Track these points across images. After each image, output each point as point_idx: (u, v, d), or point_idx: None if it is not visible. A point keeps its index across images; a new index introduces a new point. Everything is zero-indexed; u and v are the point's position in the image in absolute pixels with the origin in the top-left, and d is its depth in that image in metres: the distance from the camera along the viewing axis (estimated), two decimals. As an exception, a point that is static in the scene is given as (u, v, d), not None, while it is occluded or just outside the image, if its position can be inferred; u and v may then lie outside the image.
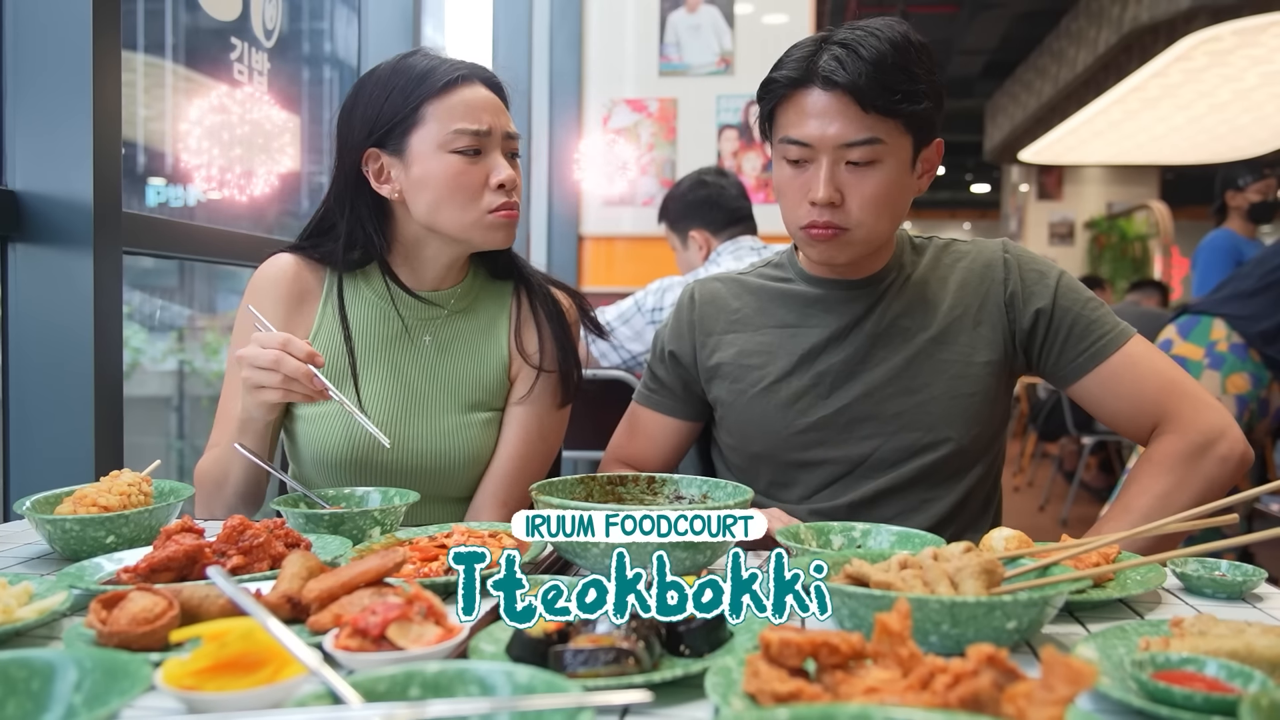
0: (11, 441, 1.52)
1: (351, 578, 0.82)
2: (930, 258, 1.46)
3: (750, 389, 1.44)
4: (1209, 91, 8.90)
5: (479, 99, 1.39)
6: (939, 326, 1.41)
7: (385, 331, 1.45)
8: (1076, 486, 6.20)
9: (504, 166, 1.38)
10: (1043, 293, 1.39)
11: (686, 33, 4.20)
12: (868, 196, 1.31)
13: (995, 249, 1.45)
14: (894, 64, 1.27)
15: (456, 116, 1.36)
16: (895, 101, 1.27)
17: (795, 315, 1.46)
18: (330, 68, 3.54)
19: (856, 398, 1.40)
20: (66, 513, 1.10)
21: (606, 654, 0.70)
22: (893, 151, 1.31)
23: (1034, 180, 13.48)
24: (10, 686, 0.64)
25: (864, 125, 1.29)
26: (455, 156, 1.36)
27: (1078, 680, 0.55)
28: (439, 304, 1.47)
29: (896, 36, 1.29)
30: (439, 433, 1.42)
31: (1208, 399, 1.36)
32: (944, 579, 0.83)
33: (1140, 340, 1.38)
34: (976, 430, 1.41)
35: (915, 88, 1.29)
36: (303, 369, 1.18)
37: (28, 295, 1.50)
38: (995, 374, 1.41)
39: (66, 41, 1.49)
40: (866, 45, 1.28)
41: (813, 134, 1.30)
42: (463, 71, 1.39)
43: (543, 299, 1.50)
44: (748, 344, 1.47)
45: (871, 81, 1.26)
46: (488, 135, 1.37)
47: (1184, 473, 1.31)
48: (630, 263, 4.28)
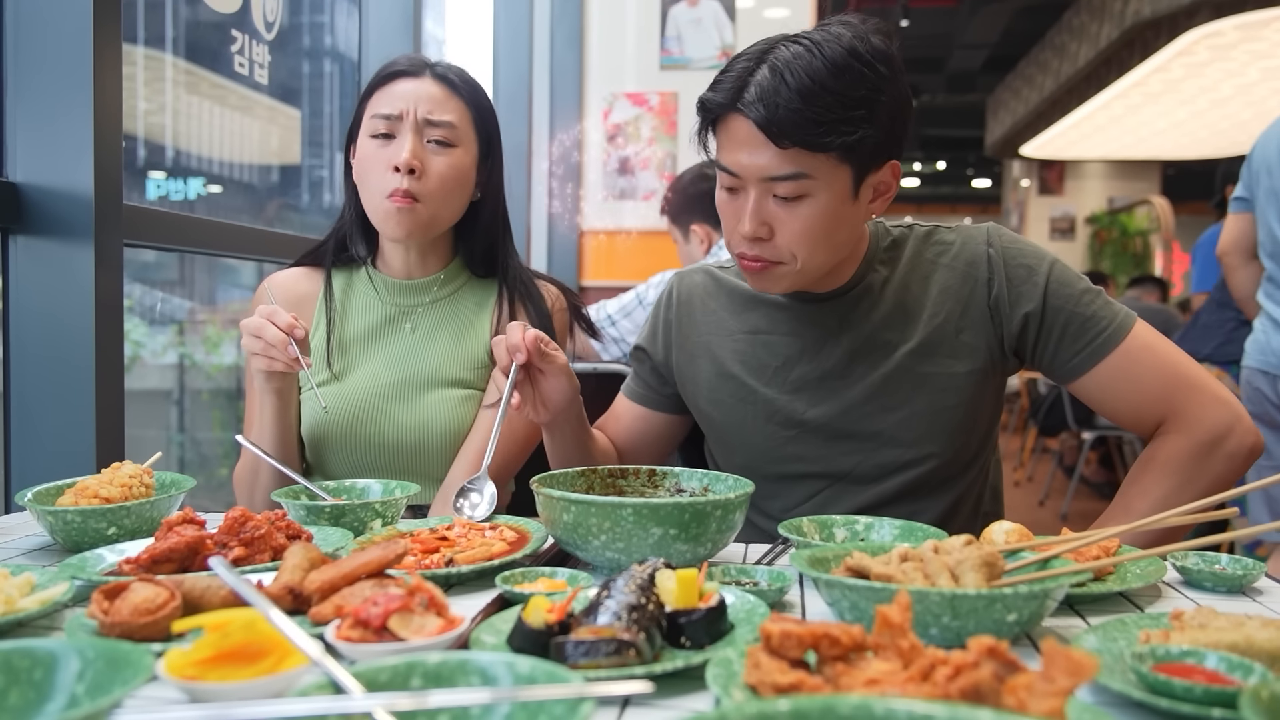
0: (13, 433, 1.52)
1: (353, 569, 0.82)
2: (910, 254, 1.37)
3: (727, 399, 1.41)
4: (1211, 86, 8.88)
5: (406, 89, 1.45)
6: (919, 338, 1.33)
7: (371, 318, 1.54)
8: (1077, 482, 6.20)
9: (406, 148, 1.42)
10: (1030, 293, 1.31)
11: (688, 26, 4.19)
12: (797, 232, 1.22)
13: (979, 242, 1.35)
14: (827, 90, 1.15)
15: (378, 106, 1.45)
16: (819, 135, 1.16)
17: (767, 322, 1.40)
18: (331, 61, 3.53)
19: (835, 414, 1.35)
20: (68, 504, 1.10)
21: (608, 645, 0.70)
22: (825, 185, 1.20)
23: (1035, 175, 13.46)
24: (13, 676, 0.64)
25: (787, 160, 1.18)
26: (369, 140, 1.45)
27: (1078, 672, 0.55)
28: (420, 291, 1.55)
29: (838, 55, 1.16)
30: (419, 407, 1.48)
31: (1215, 390, 1.29)
32: (945, 572, 0.83)
33: (1141, 331, 1.31)
34: (962, 441, 1.36)
35: (851, 114, 1.16)
36: (280, 337, 1.26)
37: (29, 287, 1.50)
38: (980, 382, 1.34)
39: (67, 34, 1.48)
40: (796, 71, 1.16)
41: (736, 163, 1.22)
42: (400, 66, 1.47)
43: (524, 294, 1.55)
44: (722, 351, 1.43)
45: (794, 116, 1.15)
46: (399, 120, 1.43)
47: (1188, 475, 1.26)
48: (631, 257, 4.27)
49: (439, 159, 1.44)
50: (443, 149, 1.45)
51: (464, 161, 1.47)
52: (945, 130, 15.75)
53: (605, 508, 0.97)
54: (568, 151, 4.28)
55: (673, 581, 0.79)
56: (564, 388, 1.28)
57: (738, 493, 1.03)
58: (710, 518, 0.99)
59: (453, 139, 1.45)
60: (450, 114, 1.45)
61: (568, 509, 0.99)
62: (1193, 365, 1.31)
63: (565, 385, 1.28)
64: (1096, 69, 9.27)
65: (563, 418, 1.32)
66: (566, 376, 1.28)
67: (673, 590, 0.79)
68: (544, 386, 1.27)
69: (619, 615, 0.73)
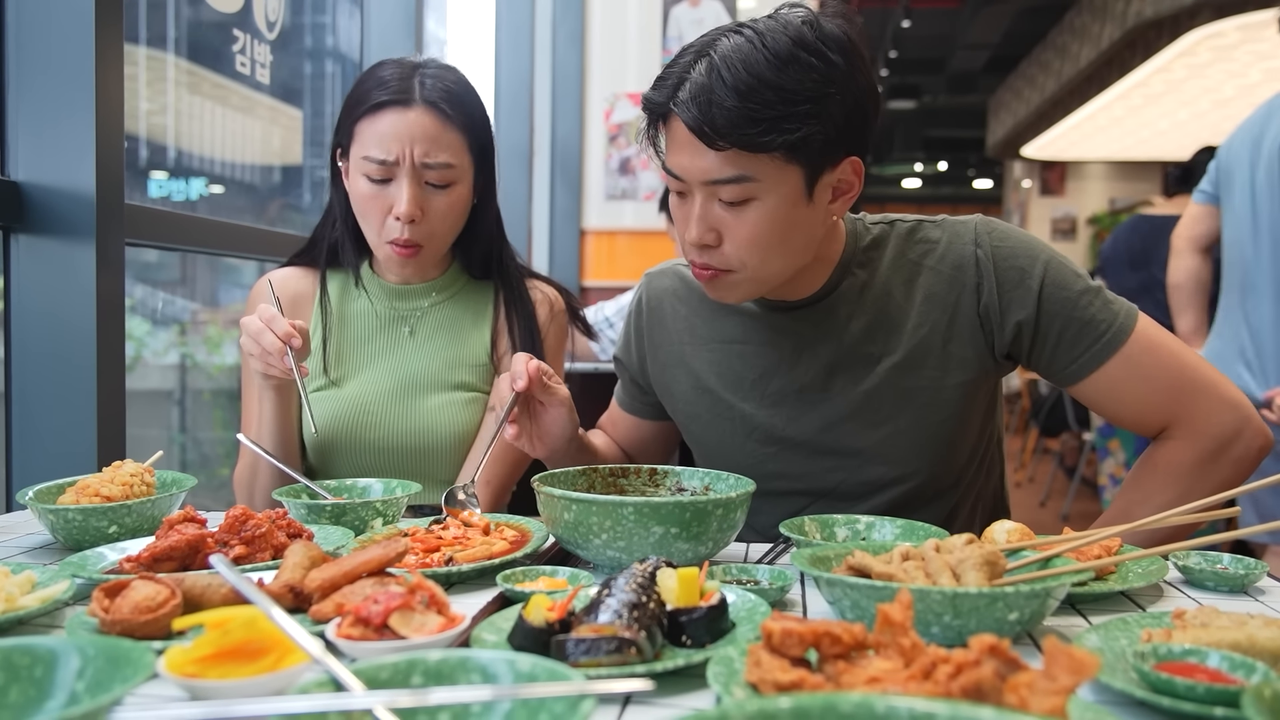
0: (14, 432, 1.52)
1: (354, 567, 0.82)
2: (892, 254, 1.28)
3: (704, 414, 1.36)
4: (1213, 87, 8.87)
5: (397, 127, 1.38)
6: (904, 350, 1.25)
7: (368, 323, 1.53)
8: (1077, 482, 6.20)
9: (405, 199, 1.37)
10: (1023, 299, 1.22)
11: (689, 26, 4.19)
12: (744, 238, 1.14)
13: (967, 241, 1.25)
14: (767, 85, 1.06)
15: (368, 143, 1.39)
16: (758, 134, 1.07)
17: (740, 331, 1.33)
18: (332, 61, 3.53)
19: (816, 430, 1.29)
20: (69, 503, 1.10)
21: (609, 643, 0.70)
22: (771, 187, 1.12)
23: (1037, 176, 13.44)
24: (13, 673, 0.64)
25: (726, 162, 1.10)
26: (364, 180, 1.41)
27: (1080, 670, 0.55)
28: (419, 296, 1.54)
29: (782, 46, 1.07)
30: (422, 411, 1.47)
31: (1222, 391, 1.22)
32: (946, 570, 0.83)
33: (1144, 331, 1.22)
34: (952, 453, 1.29)
35: (794, 110, 1.07)
36: (277, 345, 1.25)
37: (30, 286, 1.50)
38: (971, 393, 1.27)
39: (69, 33, 1.48)
40: (733, 65, 1.07)
41: (679, 166, 1.14)
42: (390, 95, 1.39)
43: (518, 301, 1.54)
44: (696, 361, 1.36)
45: (729, 115, 1.06)
46: (394, 165, 1.38)
47: (1193, 482, 1.20)
48: (631, 257, 4.28)
49: (438, 200, 1.41)
50: (441, 190, 1.41)
51: (462, 194, 1.45)
52: (946, 131, 15.75)
53: (606, 506, 0.97)
54: (569, 151, 4.28)
55: (674, 580, 0.79)
56: (563, 421, 1.26)
57: (739, 492, 1.03)
58: (711, 516, 0.99)
59: (451, 178, 1.41)
60: (446, 152, 1.39)
61: (569, 508, 0.99)
62: (1200, 365, 1.24)
63: (565, 419, 1.26)
64: (1098, 69, 9.26)
65: (561, 452, 1.29)
66: (567, 410, 1.25)
67: (674, 589, 0.79)
68: (543, 419, 1.26)
69: (620, 613, 0.73)
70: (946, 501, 1.34)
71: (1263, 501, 2.50)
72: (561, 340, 1.60)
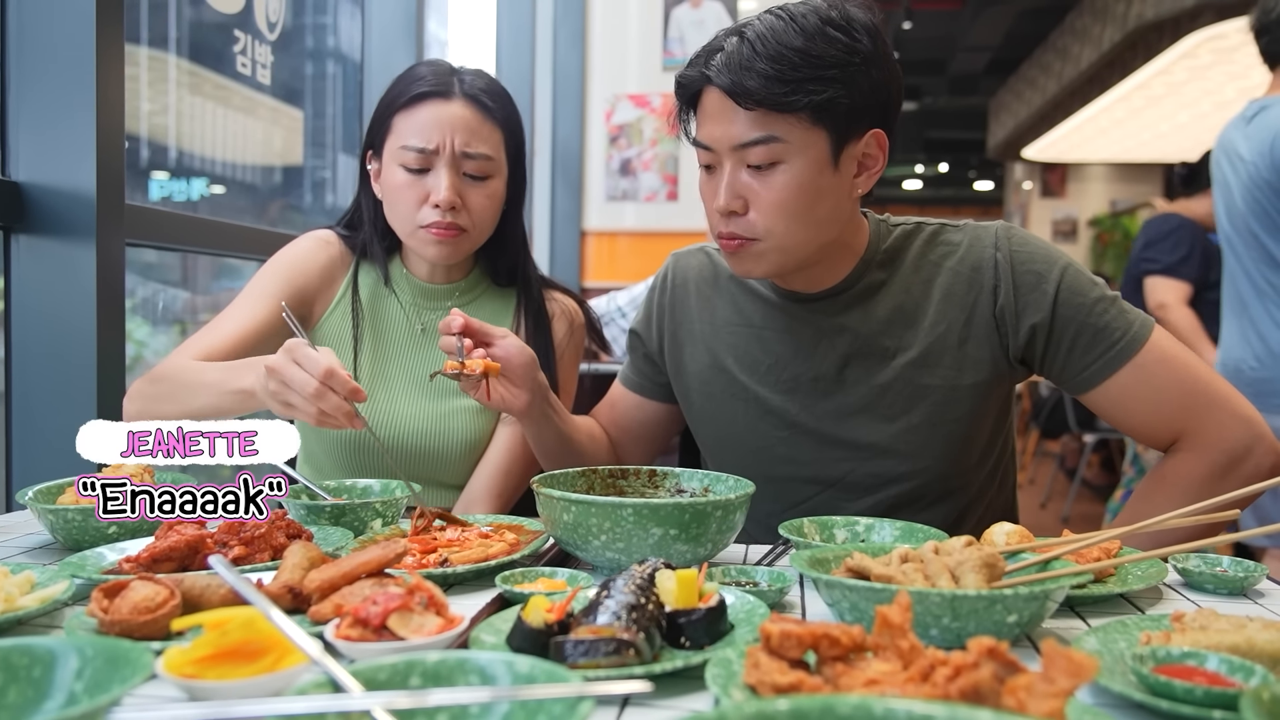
0: (14, 432, 1.52)
1: (353, 568, 0.82)
2: (916, 254, 1.31)
3: (719, 393, 1.37)
4: (1214, 89, 8.87)
5: (437, 117, 1.40)
6: (920, 347, 1.27)
7: (387, 318, 1.52)
8: (1078, 484, 6.20)
9: (444, 187, 1.38)
10: (1039, 302, 1.24)
11: (690, 28, 4.19)
12: (770, 202, 1.18)
13: (987, 245, 1.28)
14: (795, 50, 1.13)
15: (408, 133, 1.40)
16: (785, 94, 1.13)
17: (761, 317, 1.36)
18: (333, 62, 3.54)
19: (828, 420, 1.30)
20: (69, 503, 1.10)
21: (607, 645, 0.70)
22: (798, 150, 1.16)
23: (1038, 177, 13.45)
24: (12, 674, 0.64)
25: (755, 123, 1.16)
26: (400, 170, 1.41)
27: (1078, 673, 0.55)
28: (441, 296, 1.53)
29: (811, 23, 1.15)
30: (434, 415, 1.47)
31: (1235, 406, 1.22)
32: (945, 572, 0.83)
33: (1158, 342, 1.23)
34: (962, 454, 1.30)
35: (821, 74, 1.13)
36: (344, 408, 1.08)
37: (31, 286, 1.50)
38: (984, 395, 1.28)
39: (70, 34, 1.48)
40: (765, 39, 1.15)
41: (709, 136, 1.20)
42: (430, 87, 1.41)
43: (536, 311, 1.54)
44: (715, 341, 1.38)
45: (759, 78, 1.13)
46: (434, 154, 1.39)
47: (1201, 495, 1.13)
48: (632, 258, 4.28)
49: (476, 192, 1.42)
50: (479, 181, 1.42)
51: (498, 189, 1.46)
52: (947, 133, 15.73)
53: (605, 508, 0.97)
54: (569, 152, 4.28)
55: (672, 582, 0.79)
56: (519, 349, 1.26)
57: (738, 493, 1.03)
58: (710, 518, 0.99)
59: (489, 170, 1.43)
60: (485, 144, 1.42)
61: (568, 509, 0.99)
62: (1214, 379, 1.24)
63: (518, 346, 1.26)
64: (1099, 71, 9.26)
65: (537, 399, 1.29)
66: (518, 346, 1.26)
67: (672, 590, 0.79)
68: (496, 354, 1.25)
69: (618, 615, 0.73)
70: (955, 504, 1.34)
71: (1262, 505, 2.50)
72: (577, 356, 1.60)
